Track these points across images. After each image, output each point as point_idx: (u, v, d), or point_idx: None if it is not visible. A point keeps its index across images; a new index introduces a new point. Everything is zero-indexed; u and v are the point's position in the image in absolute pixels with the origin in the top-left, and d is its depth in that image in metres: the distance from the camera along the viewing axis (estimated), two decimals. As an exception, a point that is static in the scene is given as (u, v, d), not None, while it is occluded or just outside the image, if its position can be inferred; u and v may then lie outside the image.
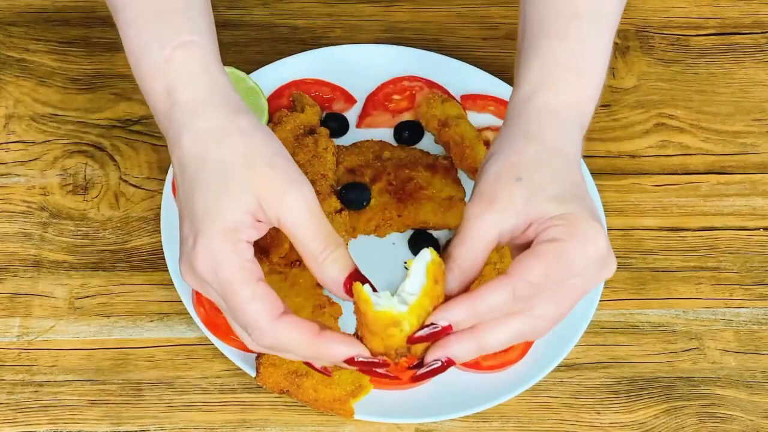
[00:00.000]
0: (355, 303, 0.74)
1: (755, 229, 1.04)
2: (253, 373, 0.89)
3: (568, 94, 0.80)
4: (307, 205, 0.76)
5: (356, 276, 0.76)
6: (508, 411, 0.93)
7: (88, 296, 0.96)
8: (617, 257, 1.01)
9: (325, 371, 0.80)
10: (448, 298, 0.75)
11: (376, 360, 0.75)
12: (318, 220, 0.77)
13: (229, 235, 0.74)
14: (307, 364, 0.80)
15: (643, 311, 0.99)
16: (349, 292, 0.75)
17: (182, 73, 0.78)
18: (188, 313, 0.93)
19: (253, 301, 0.74)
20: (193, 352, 0.94)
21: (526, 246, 0.75)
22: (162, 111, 0.79)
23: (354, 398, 0.88)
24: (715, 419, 0.93)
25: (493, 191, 0.76)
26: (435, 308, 0.74)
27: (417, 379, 0.76)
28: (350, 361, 0.75)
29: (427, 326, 0.73)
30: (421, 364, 0.75)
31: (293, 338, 0.74)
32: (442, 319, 0.73)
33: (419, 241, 0.98)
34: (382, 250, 0.99)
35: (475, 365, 0.92)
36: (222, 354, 0.92)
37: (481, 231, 0.75)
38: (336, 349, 0.74)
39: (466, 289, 0.76)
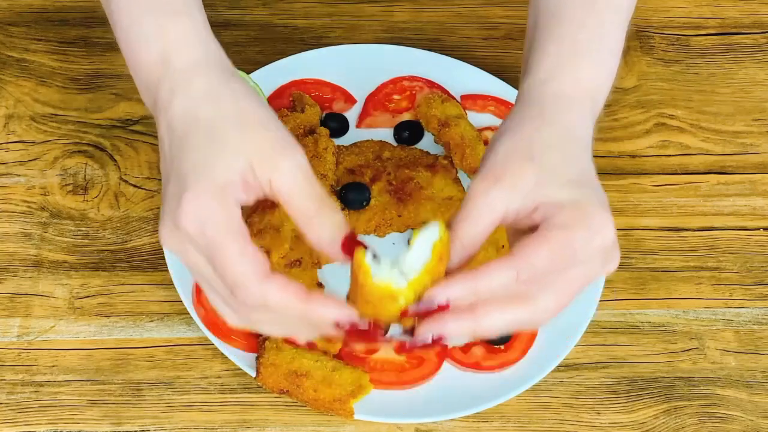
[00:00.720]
0: (352, 270, 0.72)
1: (755, 229, 1.04)
2: (253, 373, 0.89)
3: (585, 80, 0.79)
4: (302, 170, 0.73)
5: (354, 238, 0.73)
6: (508, 411, 0.93)
7: (88, 296, 0.96)
8: (617, 257, 1.01)
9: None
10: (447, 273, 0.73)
11: (366, 329, 0.72)
12: (313, 183, 0.73)
13: (218, 193, 0.71)
14: (290, 342, 0.77)
15: (643, 311, 0.99)
16: (349, 252, 0.72)
17: (178, 39, 0.77)
18: (188, 313, 0.93)
19: (242, 258, 0.71)
20: (193, 352, 0.94)
21: (527, 230, 0.74)
22: (152, 81, 0.77)
23: (354, 398, 0.88)
24: (715, 419, 0.93)
25: (501, 168, 0.74)
26: (434, 284, 0.71)
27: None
28: (339, 326, 0.71)
29: (424, 301, 0.71)
30: (411, 333, 0.72)
31: (282, 298, 0.71)
32: (440, 295, 0.71)
33: (419, 241, 0.98)
34: (382, 250, 0.98)
35: (475, 365, 0.92)
36: (222, 354, 0.92)
37: (486, 207, 0.73)
38: (326, 311, 0.71)
39: (465, 264, 0.74)
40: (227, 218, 0.72)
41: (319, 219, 0.73)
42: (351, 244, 0.73)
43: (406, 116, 1.06)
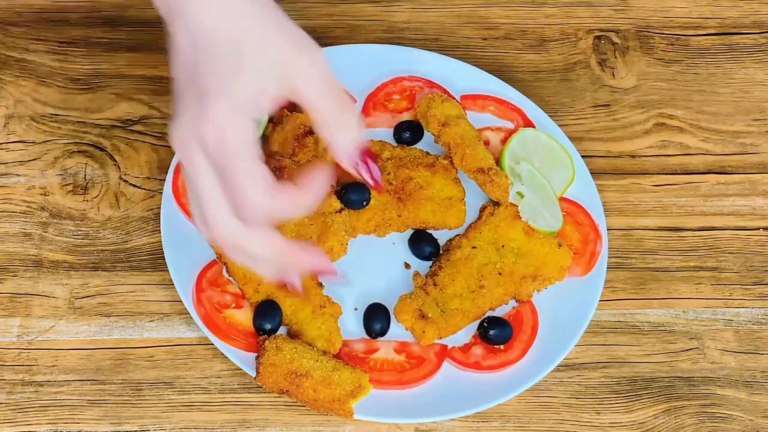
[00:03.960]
0: None
1: (755, 229, 1.04)
2: (253, 373, 0.89)
3: None
4: (322, 70, 0.77)
5: (370, 150, 0.81)
6: (508, 411, 0.93)
7: (88, 296, 0.96)
8: (617, 257, 1.01)
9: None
10: None
11: None
12: (334, 84, 0.78)
13: (240, 107, 0.74)
14: (282, 286, 0.83)
15: (643, 311, 0.99)
16: (365, 162, 0.79)
17: None
18: (188, 313, 0.93)
19: (255, 172, 0.74)
20: (193, 352, 0.94)
21: None
22: None
23: (353, 398, 0.88)
24: (715, 419, 0.93)
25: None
26: None
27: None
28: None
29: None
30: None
31: (290, 206, 0.77)
32: None
33: (419, 240, 0.99)
34: (382, 250, 0.99)
35: (475, 365, 0.92)
36: (222, 354, 0.92)
37: None
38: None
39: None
40: (246, 132, 0.75)
41: (339, 123, 0.78)
42: (367, 155, 0.80)
43: (406, 116, 1.06)
